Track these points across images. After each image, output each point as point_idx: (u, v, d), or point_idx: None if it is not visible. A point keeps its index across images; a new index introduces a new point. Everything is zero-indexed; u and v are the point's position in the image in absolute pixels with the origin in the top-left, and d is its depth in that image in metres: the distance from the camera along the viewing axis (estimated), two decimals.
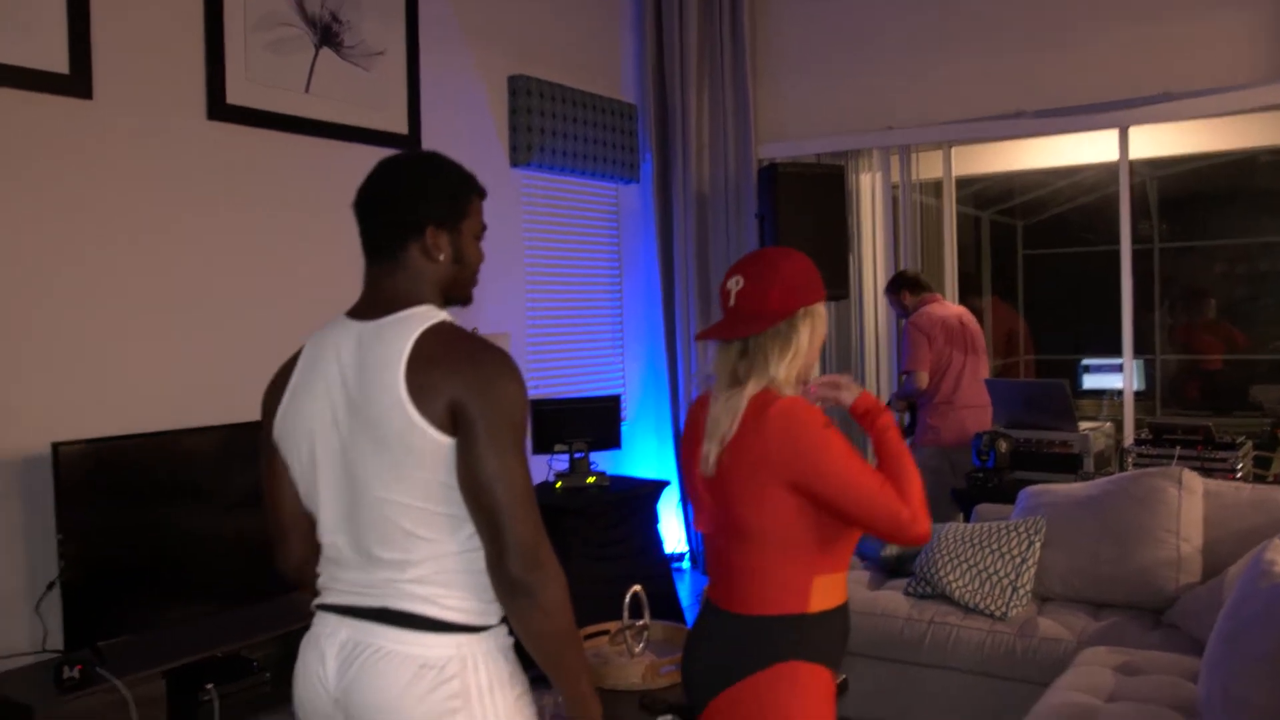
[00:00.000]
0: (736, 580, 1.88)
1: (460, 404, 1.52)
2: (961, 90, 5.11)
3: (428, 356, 1.55)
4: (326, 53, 3.91)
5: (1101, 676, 2.81)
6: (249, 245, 3.65)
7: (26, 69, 3.03)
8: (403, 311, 1.62)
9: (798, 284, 1.88)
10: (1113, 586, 3.42)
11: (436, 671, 1.55)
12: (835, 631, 1.91)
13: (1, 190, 3.00)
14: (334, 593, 1.66)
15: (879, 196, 5.47)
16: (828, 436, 1.79)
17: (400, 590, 1.58)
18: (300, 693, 1.67)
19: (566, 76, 5.12)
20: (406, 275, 1.66)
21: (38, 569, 3.01)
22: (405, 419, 1.53)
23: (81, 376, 3.16)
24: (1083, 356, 8.33)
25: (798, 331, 1.87)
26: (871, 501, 1.79)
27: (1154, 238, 8.61)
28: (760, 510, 1.81)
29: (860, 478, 1.79)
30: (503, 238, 4.79)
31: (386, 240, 1.67)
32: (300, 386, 1.68)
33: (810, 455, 1.78)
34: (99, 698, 2.72)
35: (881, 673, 3.49)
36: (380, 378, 1.56)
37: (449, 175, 1.71)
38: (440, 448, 1.54)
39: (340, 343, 1.65)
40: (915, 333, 4.72)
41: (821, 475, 1.78)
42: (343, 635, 1.61)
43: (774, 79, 5.63)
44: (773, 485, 1.79)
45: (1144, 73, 4.66)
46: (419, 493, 1.56)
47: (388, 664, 1.55)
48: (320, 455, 1.64)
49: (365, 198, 1.70)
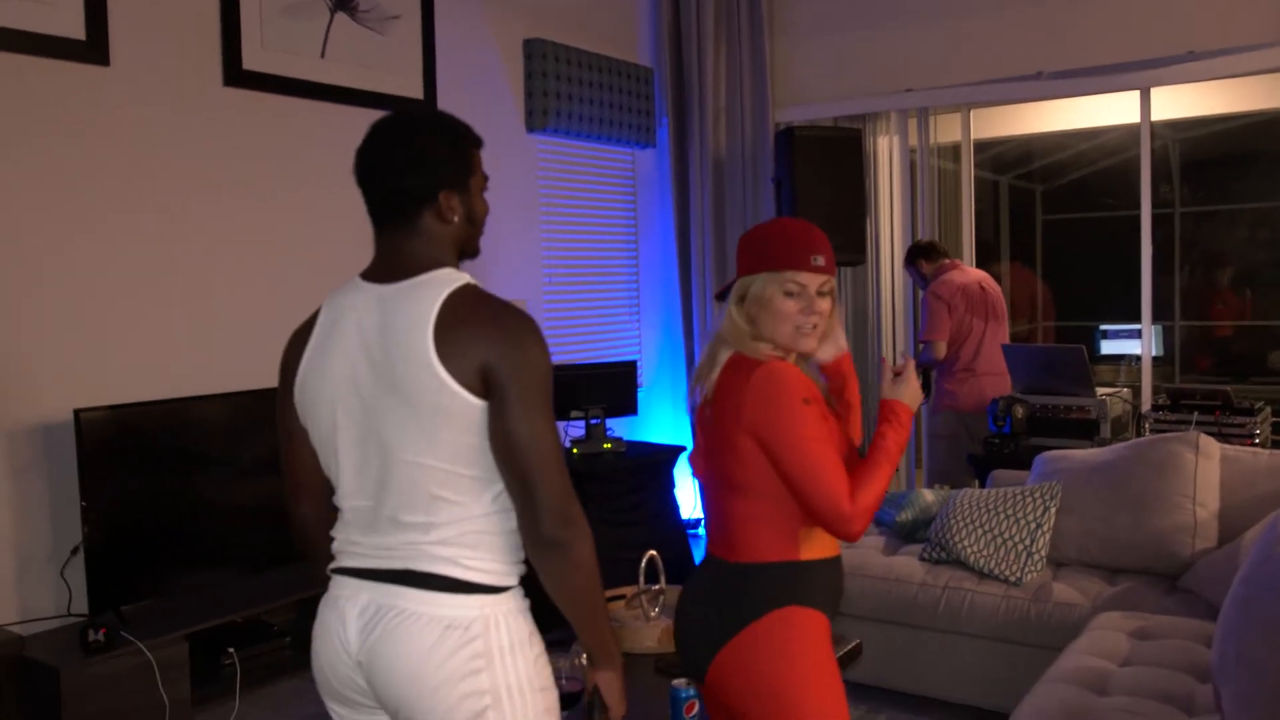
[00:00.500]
0: (728, 528, 1.93)
1: (491, 367, 1.54)
2: (980, 51, 5.05)
3: (455, 320, 1.55)
4: (341, 17, 3.90)
5: (1115, 641, 2.82)
6: (266, 211, 3.66)
7: (44, 35, 3.03)
8: (424, 275, 1.62)
9: (741, 256, 1.97)
10: (1128, 551, 3.42)
11: (461, 632, 1.56)
12: (829, 581, 1.95)
13: (21, 158, 3.01)
14: (353, 556, 1.66)
15: (897, 160, 5.43)
16: (800, 407, 1.84)
17: (423, 552, 1.59)
18: (320, 655, 1.67)
19: (582, 40, 5.09)
20: (423, 240, 1.66)
21: (62, 534, 3.06)
22: (436, 381, 1.53)
23: (101, 344, 3.19)
24: (1101, 322, 8.28)
25: (743, 301, 1.94)
26: (817, 480, 1.82)
27: (1175, 202, 8.52)
28: (737, 460, 1.86)
29: (815, 454, 1.83)
30: (518, 203, 4.78)
31: (398, 207, 1.66)
32: (319, 349, 1.67)
33: (775, 417, 1.83)
34: (123, 660, 2.77)
35: (896, 638, 3.51)
36: (407, 340, 1.56)
37: (451, 134, 1.70)
38: (473, 409, 1.55)
39: (360, 305, 1.64)
40: (935, 301, 4.70)
41: (779, 438, 1.83)
42: (364, 598, 1.61)
43: (791, 42, 5.58)
44: (741, 436, 1.85)
45: (1166, 32, 4.59)
46: (447, 455, 1.57)
47: (412, 625, 1.56)
48: (341, 419, 1.64)
49: (368, 166, 1.68)
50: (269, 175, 3.67)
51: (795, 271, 1.91)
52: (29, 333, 3.03)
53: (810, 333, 1.92)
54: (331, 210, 3.82)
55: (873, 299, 5.52)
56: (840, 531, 1.85)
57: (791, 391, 1.85)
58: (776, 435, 1.83)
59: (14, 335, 2.99)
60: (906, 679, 3.51)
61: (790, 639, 1.87)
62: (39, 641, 2.86)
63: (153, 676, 2.80)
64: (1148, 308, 4.85)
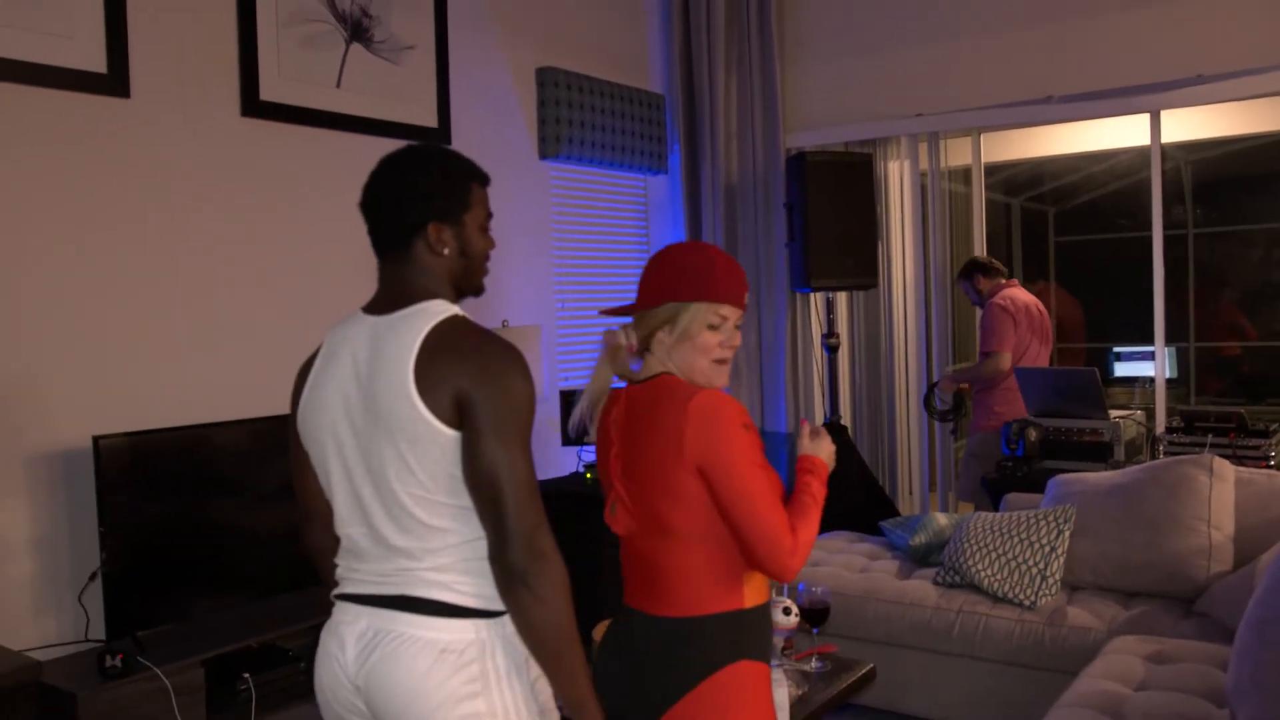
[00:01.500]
0: (666, 581, 1.82)
1: (465, 395, 1.55)
2: (990, 75, 5.08)
3: (436, 350, 1.58)
4: (357, 48, 3.95)
5: (1131, 665, 2.81)
6: (283, 240, 3.70)
7: (66, 69, 3.08)
8: (414, 306, 1.66)
9: (672, 276, 1.86)
10: (1143, 575, 3.41)
11: (456, 656, 1.58)
12: (768, 626, 1.90)
13: (42, 188, 3.06)
14: (352, 583, 1.70)
15: (908, 184, 5.46)
16: (742, 435, 1.77)
17: (418, 578, 1.62)
18: (321, 680, 1.71)
19: (594, 68, 5.14)
20: (415, 270, 1.70)
21: (80, 560, 3.08)
22: (412, 412, 1.56)
23: (120, 371, 3.22)
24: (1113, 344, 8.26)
25: (666, 326, 1.85)
26: (759, 516, 1.74)
27: (1188, 223, 8.51)
28: (678, 501, 1.77)
29: (758, 488, 1.75)
30: (531, 230, 4.82)
31: (393, 238, 1.71)
32: (317, 381, 1.73)
33: (718, 446, 1.74)
34: (139, 686, 2.78)
35: (910, 662, 3.50)
36: (390, 372, 1.59)
37: (447, 169, 1.72)
38: (448, 440, 1.57)
39: (355, 337, 1.69)
40: (1001, 313, 4.66)
41: (722, 466, 1.74)
42: (362, 624, 1.65)
43: (802, 67, 5.62)
44: (682, 471, 1.76)
45: (1175, 55, 4.61)
46: (432, 485, 1.59)
47: (408, 649, 1.59)
48: (335, 448, 1.68)
49: (368, 197, 1.75)
50: (287, 204, 3.72)
51: (728, 305, 1.85)
52: (48, 360, 3.07)
53: (725, 367, 1.86)
54: (349, 239, 3.85)
55: (885, 323, 5.53)
56: (779, 566, 1.76)
57: (734, 418, 1.77)
58: (719, 462, 1.74)
59: (34, 362, 3.03)
60: (920, 703, 3.50)
61: (744, 700, 1.79)
62: (57, 666, 2.87)
63: (169, 702, 2.82)
64: (1160, 329, 4.84)
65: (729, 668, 1.79)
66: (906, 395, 5.51)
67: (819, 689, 2.72)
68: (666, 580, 1.82)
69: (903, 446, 5.56)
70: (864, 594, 3.61)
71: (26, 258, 3.02)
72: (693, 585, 1.80)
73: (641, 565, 1.87)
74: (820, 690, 2.71)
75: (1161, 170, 4.82)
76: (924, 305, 5.36)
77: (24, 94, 3.01)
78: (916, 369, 5.43)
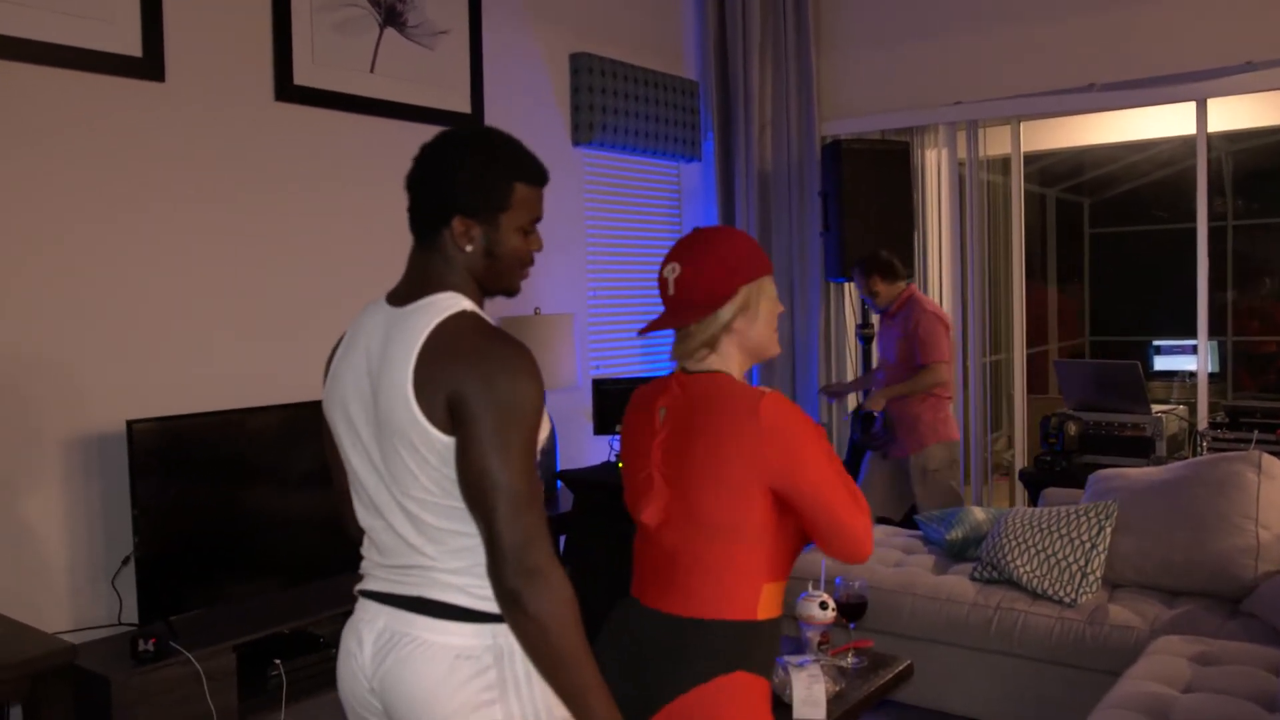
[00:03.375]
0: (684, 578, 1.78)
1: (459, 399, 1.46)
2: (1031, 63, 4.99)
3: (437, 351, 1.50)
4: (391, 32, 3.92)
5: (1176, 666, 2.75)
6: (316, 225, 3.68)
7: (102, 53, 3.07)
8: (427, 298, 1.57)
9: (734, 264, 1.83)
10: (1187, 573, 3.34)
11: (473, 662, 1.53)
12: (775, 644, 1.84)
13: (77, 171, 3.05)
14: (373, 579, 1.66)
15: (945, 174, 5.37)
16: (817, 440, 1.75)
17: (434, 579, 1.57)
18: (342, 676, 1.68)
19: (628, 54, 5.09)
20: (439, 259, 1.61)
21: (114, 544, 3.09)
22: (409, 416, 1.50)
23: (152, 356, 3.22)
24: (1150, 337, 8.14)
25: (744, 311, 1.83)
26: (840, 513, 1.74)
27: (1228, 214, 8.36)
28: (731, 505, 1.74)
29: (836, 488, 1.74)
30: (564, 217, 4.78)
31: (423, 223, 1.63)
32: (337, 371, 1.67)
33: (799, 458, 1.73)
34: (172, 670, 2.78)
35: (947, 658, 3.45)
36: (392, 372, 1.52)
37: (489, 162, 1.59)
38: (444, 447, 1.49)
39: (372, 328, 1.62)
40: (936, 323, 4.34)
41: (803, 480, 1.73)
42: (380, 623, 1.61)
43: (838, 55, 5.54)
44: (752, 483, 1.73)
45: (1223, 42, 4.50)
46: (434, 489, 1.53)
47: (424, 654, 1.54)
48: (352, 441, 1.63)
49: (412, 175, 1.65)
50: (320, 188, 3.70)
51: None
52: (82, 344, 3.06)
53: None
54: (382, 224, 3.84)
55: None
56: (858, 555, 1.76)
57: (805, 426, 1.76)
58: (804, 477, 1.73)
59: (68, 346, 3.03)
60: (958, 701, 3.45)
61: (737, 712, 1.73)
62: (90, 650, 2.88)
63: (201, 687, 2.81)
64: (1203, 323, 4.74)
65: (726, 677, 1.73)
66: None
67: (855, 685, 2.67)
68: (685, 575, 1.78)
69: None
70: (900, 589, 3.56)
71: (61, 242, 3.02)
72: (711, 586, 1.76)
73: (660, 557, 1.83)
74: (857, 686, 2.66)
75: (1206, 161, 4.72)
76: (960, 296, 5.28)
77: (60, 77, 3.00)
78: (952, 360, 5.35)
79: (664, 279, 1.87)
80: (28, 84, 2.94)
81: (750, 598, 1.77)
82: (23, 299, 2.94)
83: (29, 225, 2.95)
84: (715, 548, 1.76)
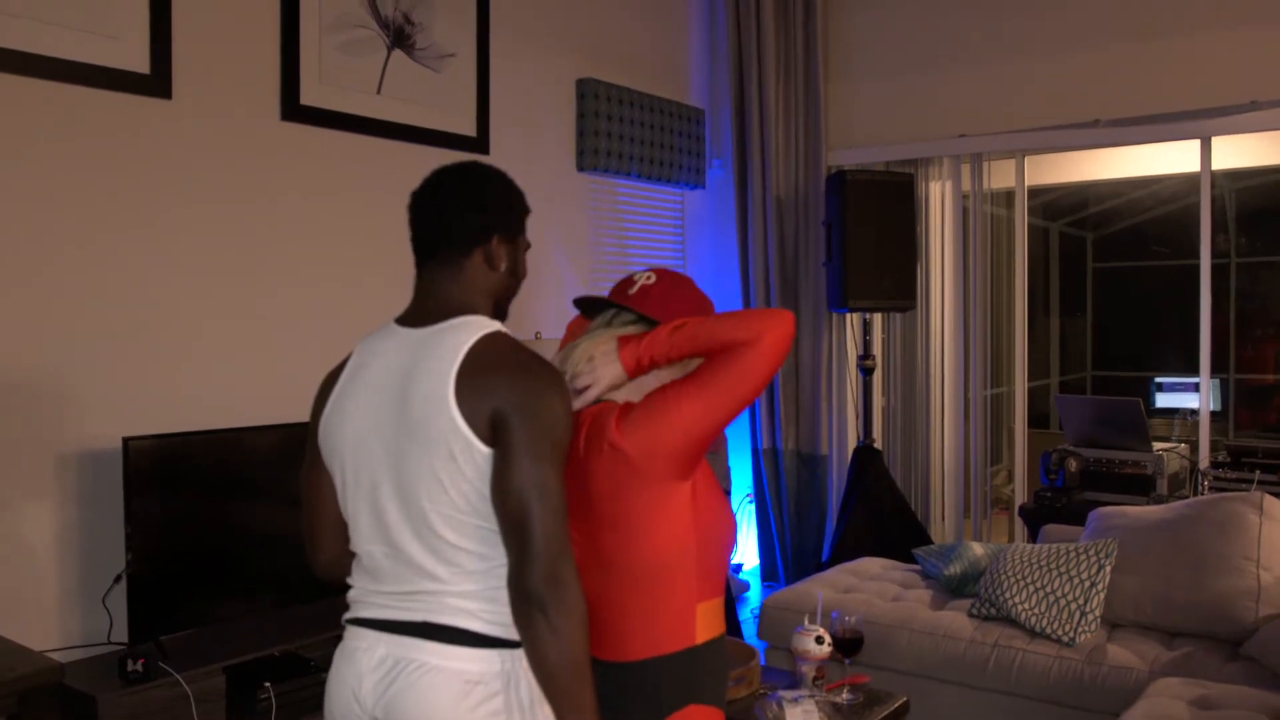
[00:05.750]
0: (615, 621, 1.69)
1: (502, 413, 1.51)
2: (1036, 98, 5.00)
3: (478, 365, 1.54)
4: (398, 54, 3.93)
5: (1175, 709, 2.71)
6: (319, 245, 3.68)
7: (110, 69, 3.08)
8: (456, 319, 1.62)
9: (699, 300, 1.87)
10: (1187, 615, 3.31)
11: (481, 687, 1.53)
12: (723, 665, 1.76)
13: (81, 187, 3.05)
14: (369, 606, 1.64)
15: (949, 206, 5.38)
16: (658, 391, 1.69)
17: (441, 604, 1.56)
18: (333, 708, 1.65)
19: (634, 80, 5.11)
20: (462, 283, 1.66)
21: (105, 562, 3.06)
22: (450, 426, 1.51)
23: (149, 373, 3.21)
24: (1152, 373, 8.12)
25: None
26: (727, 386, 1.63)
27: (1231, 252, 8.38)
28: (639, 544, 1.65)
29: (705, 390, 1.64)
30: (567, 242, 4.79)
31: (448, 245, 1.66)
32: (345, 391, 1.67)
33: (663, 422, 1.64)
34: (160, 691, 2.75)
35: (943, 696, 3.41)
36: (430, 384, 1.54)
37: (511, 187, 1.74)
38: (483, 458, 1.52)
39: (389, 350, 1.64)
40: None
41: (675, 420, 1.63)
42: (380, 651, 1.59)
43: (845, 86, 5.56)
44: (655, 503, 1.65)
45: (1229, 80, 4.52)
46: (461, 503, 1.54)
47: (432, 679, 1.53)
48: (362, 462, 1.63)
49: (426, 201, 1.68)
50: (324, 209, 3.70)
51: None
52: (79, 360, 3.05)
53: None
54: (386, 246, 3.83)
55: (921, 346, 5.45)
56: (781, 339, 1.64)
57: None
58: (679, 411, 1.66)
59: (65, 362, 3.02)
60: None
61: None
62: (78, 668, 2.85)
63: (189, 708, 2.78)
64: (1206, 360, 4.72)
65: (677, 715, 1.67)
66: (942, 420, 5.42)
67: None
68: (617, 619, 1.70)
69: (936, 472, 5.47)
70: (897, 623, 3.53)
71: (62, 256, 3.01)
72: (641, 626, 1.68)
73: (589, 603, 1.72)
74: None
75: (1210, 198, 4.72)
76: (962, 328, 5.27)
77: (67, 93, 3.01)
78: (954, 393, 5.34)
79: (631, 279, 1.86)
80: (34, 99, 2.95)
81: (686, 625, 1.69)
82: (23, 313, 2.93)
83: (32, 239, 2.95)
84: (638, 589, 1.68)
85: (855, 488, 4.91)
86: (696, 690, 1.69)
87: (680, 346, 1.68)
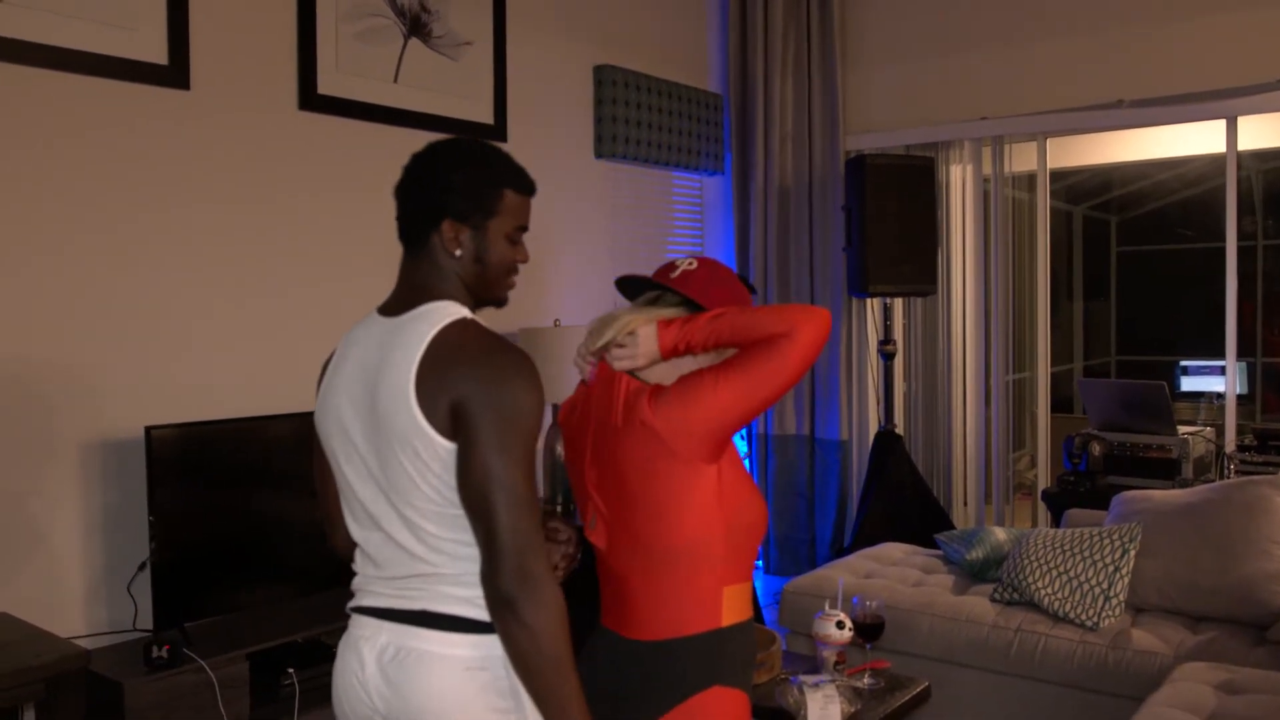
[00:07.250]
0: (641, 601, 1.72)
1: (462, 404, 1.46)
2: (1058, 79, 4.94)
3: (440, 356, 1.50)
4: (415, 43, 3.93)
5: (1201, 694, 2.69)
6: (338, 234, 3.69)
7: (128, 60, 3.09)
8: (423, 307, 1.58)
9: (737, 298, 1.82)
10: (1213, 599, 3.28)
11: (485, 673, 1.52)
12: (749, 649, 1.77)
13: (101, 178, 3.07)
14: (370, 595, 1.64)
15: (970, 190, 5.33)
16: (694, 374, 1.70)
17: (437, 591, 1.55)
18: (339, 696, 1.65)
19: (652, 67, 5.09)
20: (429, 268, 1.62)
21: (130, 549, 3.09)
22: (412, 421, 1.49)
23: (171, 362, 3.23)
24: (1177, 357, 8.05)
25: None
26: (763, 377, 1.65)
27: (1258, 234, 8.28)
28: (670, 526, 1.68)
29: (740, 378, 1.65)
30: (585, 229, 4.78)
31: (410, 229, 1.64)
32: (330, 384, 1.67)
33: (697, 404, 1.66)
34: (185, 677, 2.78)
35: (966, 680, 3.40)
36: (393, 379, 1.51)
37: (480, 167, 1.62)
38: (446, 452, 1.49)
39: (365, 340, 1.63)
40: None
41: (709, 401, 1.65)
42: (383, 639, 1.59)
43: (863, 69, 5.52)
44: (688, 482, 1.67)
45: (1254, 59, 4.45)
46: (435, 496, 1.52)
47: (433, 666, 1.53)
48: (346, 453, 1.62)
49: (400, 182, 1.66)
50: (342, 198, 3.71)
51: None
52: (102, 349, 3.08)
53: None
54: None
55: (943, 331, 5.41)
56: (817, 334, 1.66)
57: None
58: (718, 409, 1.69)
59: (87, 352, 3.04)
60: None
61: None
62: (104, 655, 2.88)
63: (213, 694, 2.81)
64: (1232, 343, 4.67)
65: (701, 696, 1.68)
66: (964, 405, 5.38)
67: (872, 706, 2.64)
68: (642, 600, 1.73)
69: (958, 457, 5.44)
70: (919, 608, 3.52)
71: (84, 247, 3.03)
72: (668, 606, 1.70)
73: (617, 582, 1.77)
74: (873, 708, 2.63)
75: (1236, 180, 4.66)
76: (984, 314, 5.23)
77: (85, 84, 3.02)
78: (975, 378, 5.31)
79: (674, 264, 1.85)
80: (52, 90, 2.96)
81: (712, 607, 1.70)
82: (44, 304, 2.95)
83: (52, 230, 2.97)
84: (665, 569, 1.70)
85: (876, 473, 4.89)
86: (720, 672, 1.70)
87: (719, 335, 1.70)
